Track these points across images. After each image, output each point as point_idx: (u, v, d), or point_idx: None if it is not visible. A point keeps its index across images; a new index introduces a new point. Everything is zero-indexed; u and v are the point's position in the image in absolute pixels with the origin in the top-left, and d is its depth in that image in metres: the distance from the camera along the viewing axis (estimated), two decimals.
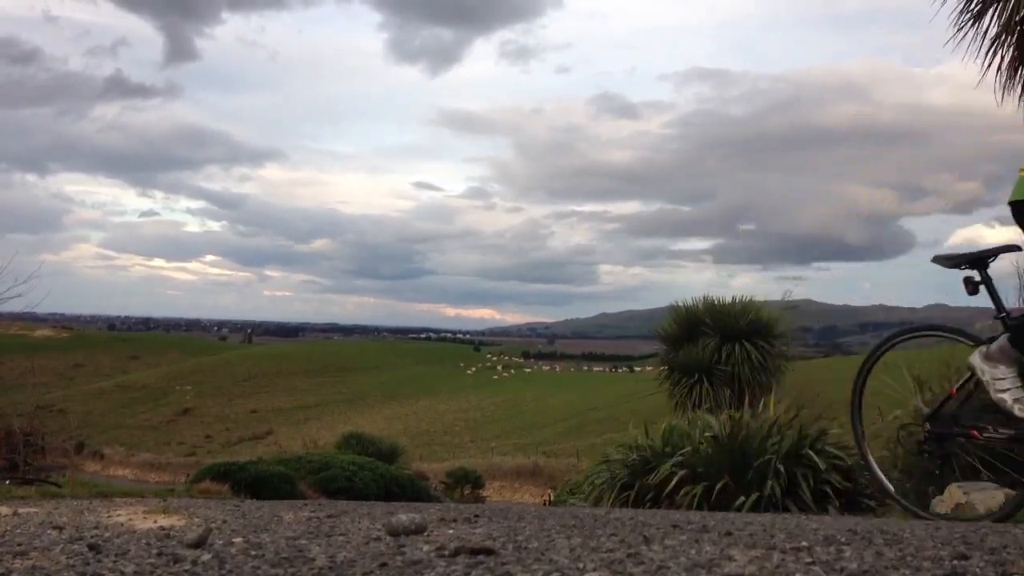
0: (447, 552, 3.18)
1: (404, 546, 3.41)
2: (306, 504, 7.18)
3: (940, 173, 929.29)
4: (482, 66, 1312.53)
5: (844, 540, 3.40)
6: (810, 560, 2.89)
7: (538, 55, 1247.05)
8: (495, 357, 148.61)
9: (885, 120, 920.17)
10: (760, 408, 8.31)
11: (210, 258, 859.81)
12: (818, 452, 6.96)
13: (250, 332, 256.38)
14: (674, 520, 4.52)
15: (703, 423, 7.77)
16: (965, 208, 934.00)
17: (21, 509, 5.38)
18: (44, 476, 13.17)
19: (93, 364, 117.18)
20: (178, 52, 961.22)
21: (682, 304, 16.71)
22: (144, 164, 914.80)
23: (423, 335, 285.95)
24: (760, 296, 17.33)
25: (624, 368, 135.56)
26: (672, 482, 6.91)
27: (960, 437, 4.31)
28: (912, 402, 5.56)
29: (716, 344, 15.54)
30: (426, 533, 3.84)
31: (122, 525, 4.48)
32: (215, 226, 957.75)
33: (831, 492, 6.65)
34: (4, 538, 3.83)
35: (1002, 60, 7.34)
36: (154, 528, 4.33)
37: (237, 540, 3.70)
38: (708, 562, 2.91)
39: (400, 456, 23.24)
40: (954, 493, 5.67)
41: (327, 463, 12.92)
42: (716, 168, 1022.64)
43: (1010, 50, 7.28)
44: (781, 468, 6.70)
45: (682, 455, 7.21)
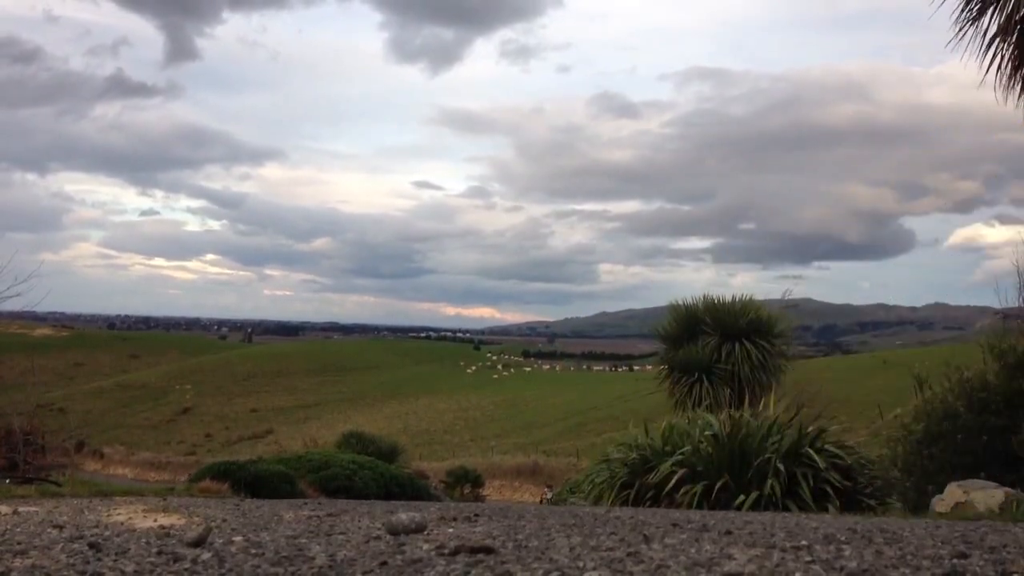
0: (447, 551, 3.18)
1: (404, 545, 3.42)
2: (306, 503, 7.18)
3: (940, 172, 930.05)
4: (482, 65, 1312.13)
5: (844, 539, 3.40)
6: (810, 559, 2.89)
7: (538, 55, 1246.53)
8: (495, 356, 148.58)
9: (885, 119, 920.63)
10: (760, 407, 8.32)
11: (210, 257, 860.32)
12: (818, 451, 6.96)
13: (250, 331, 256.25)
14: (674, 519, 4.52)
15: (703, 422, 7.76)
16: (965, 207, 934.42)
17: (21, 508, 5.38)
18: (44, 475, 13.18)
19: (93, 363, 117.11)
20: (179, 52, 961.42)
21: (682, 303, 16.65)
22: (144, 163, 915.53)
23: (423, 334, 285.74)
24: (760, 295, 17.29)
25: (624, 367, 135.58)
26: (672, 481, 6.91)
27: None
28: (912, 401, 5.58)
29: (716, 343, 15.50)
30: (426, 532, 3.85)
31: (122, 524, 4.48)
32: (215, 225, 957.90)
33: (831, 491, 6.65)
34: (4, 537, 3.83)
35: (1002, 59, 7.33)
36: (154, 527, 4.33)
37: (237, 539, 3.71)
38: (708, 561, 2.91)
39: (400, 455, 23.21)
40: (954, 492, 5.67)
41: (327, 462, 12.90)
42: (716, 167, 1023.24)
43: (1010, 49, 7.27)
44: (781, 467, 6.70)
45: (682, 454, 7.21)
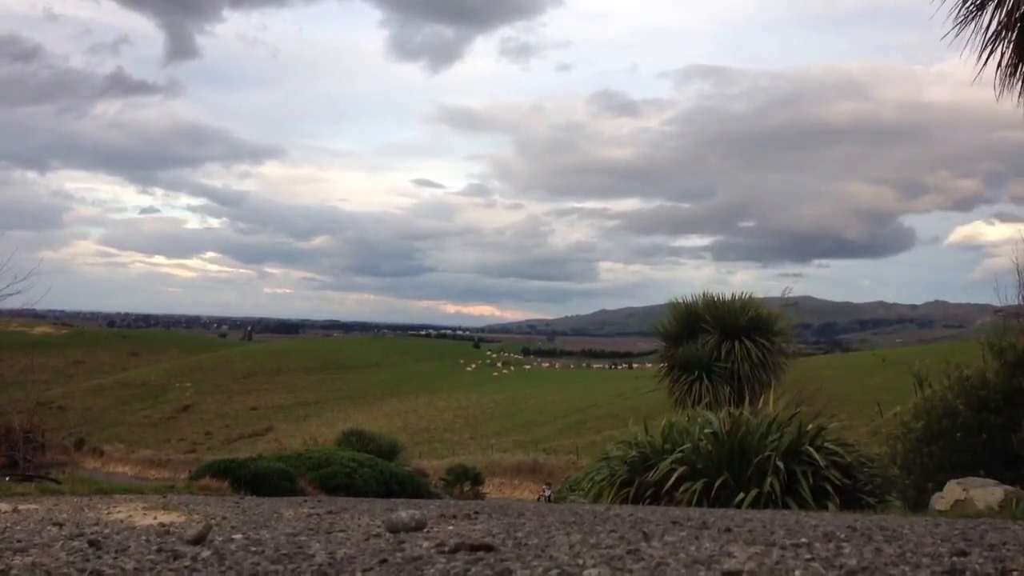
0: (447, 548, 3.18)
1: (404, 542, 3.42)
2: (306, 501, 7.19)
3: (940, 170, 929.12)
4: (483, 63, 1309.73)
5: (844, 536, 3.41)
6: (809, 556, 2.89)
7: (539, 53, 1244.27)
8: (495, 354, 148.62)
9: (885, 118, 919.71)
10: (760, 405, 8.32)
11: (210, 255, 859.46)
12: (818, 449, 6.96)
13: (250, 329, 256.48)
14: (674, 517, 4.52)
15: (703, 420, 7.77)
16: (965, 205, 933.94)
17: (21, 506, 5.38)
18: (44, 473, 13.18)
19: (93, 361, 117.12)
20: (179, 50, 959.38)
21: (682, 301, 16.63)
22: (144, 161, 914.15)
23: (423, 332, 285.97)
24: (760, 293, 17.28)
25: (624, 365, 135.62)
26: (672, 479, 6.91)
27: None
28: (912, 399, 5.59)
29: (716, 341, 15.48)
30: (426, 529, 3.85)
31: (122, 522, 4.48)
32: (215, 223, 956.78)
33: (831, 489, 6.65)
34: (4, 535, 3.83)
35: (1002, 57, 7.31)
36: (154, 524, 4.33)
37: (237, 536, 3.71)
38: (708, 558, 2.91)
39: (400, 453, 23.22)
40: (953, 490, 5.68)
41: (327, 460, 12.91)
42: (716, 165, 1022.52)
43: (1010, 46, 7.24)
44: (780, 465, 6.70)
45: (682, 452, 7.21)
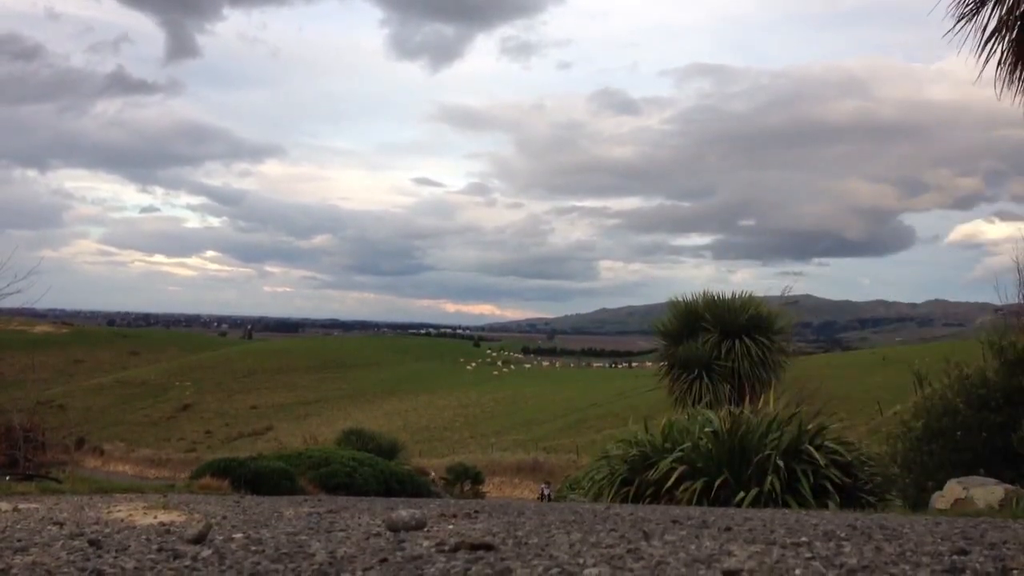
0: (447, 548, 3.18)
1: (404, 542, 3.42)
2: (306, 500, 7.19)
3: (940, 168, 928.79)
4: (483, 62, 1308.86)
5: (844, 535, 3.41)
6: (810, 555, 2.90)
7: (539, 51, 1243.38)
8: (495, 353, 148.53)
9: (885, 116, 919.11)
10: (760, 404, 8.32)
11: (210, 254, 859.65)
12: (818, 448, 6.96)
13: (250, 328, 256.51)
14: (674, 515, 4.52)
15: (703, 419, 7.77)
16: (965, 204, 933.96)
17: (21, 505, 5.39)
18: (44, 472, 13.18)
19: (93, 360, 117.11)
20: (180, 49, 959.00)
21: (682, 300, 16.63)
22: (144, 160, 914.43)
23: (423, 331, 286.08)
24: (760, 291, 17.29)
25: (624, 364, 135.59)
26: (672, 478, 6.91)
27: None
28: (912, 397, 5.58)
29: (716, 340, 15.48)
30: (426, 529, 3.85)
31: (122, 521, 4.49)
32: (215, 222, 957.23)
33: (831, 487, 6.65)
34: (4, 534, 3.83)
35: (1002, 54, 7.29)
36: (154, 524, 4.34)
37: (237, 536, 3.71)
38: (708, 557, 2.91)
39: (400, 452, 23.26)
40: (953, 488, 5.68)
41: (327, 459, 12.92)
42: (716, 164, 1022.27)
43: (1010, 44, 7.23)
44: (781, 464, 6.70)
45: (682, 451, 7.21)
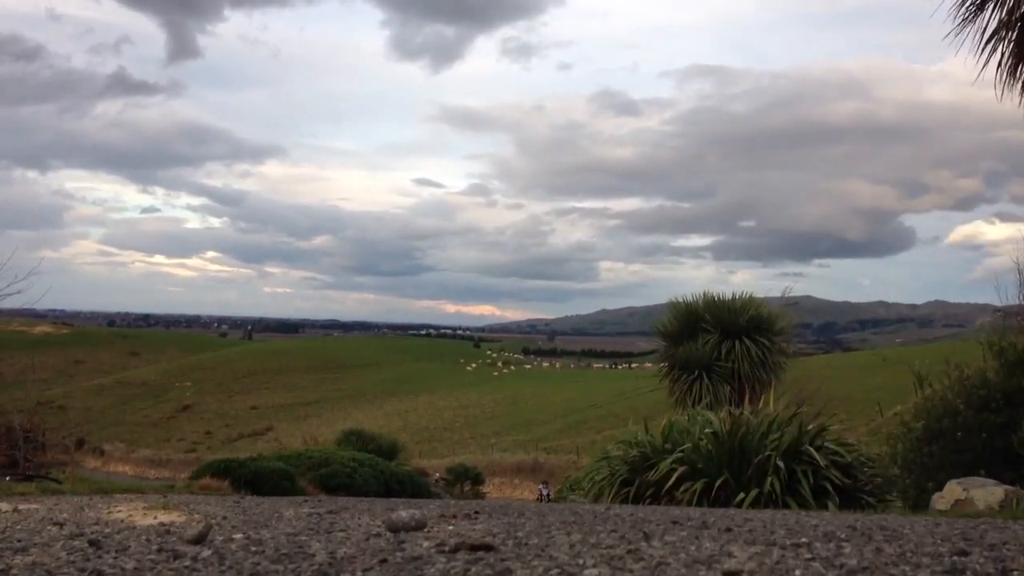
0: (447, 548, 3.18)
1: (404, 542, 3.42)
2: (306, 500, 7.20)
3: (940, 170, 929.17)
4: (484, 63, 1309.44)
5: (844, 536, 3.41)
6: (810, 556, 2.89)
7: (540, 52, 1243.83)
8: (495, 354, 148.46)
9: (886, 117, 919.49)
10: (760, 404, 8.32)
11: (211, 254, 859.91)
12: (818, 448, 6.96)
13: (250, 329, 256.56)
14: (674, 516, 4.52)
15: (703, 419, 7.77)
16: (966, 205, 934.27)
17: (21, 505, 5.39)
18: (44, 472, 13.21)
19: (93, 361, 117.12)
20: (181, 50, 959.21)
21: (682, 301, 16.63)
22: (145, 161, 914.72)
23: (423, 332, 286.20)
24: (760, 292, 17.31)
25: (624, 365, 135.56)
26: (672, 478, 6.91)
27: None
28: (912, 398, 5.58)
29: (716, 340, 15.47)
30: (426, 529, 3.85)
31: (122, 521, 4.49)
32: (216, 222, 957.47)
33: (831, 488, 6.65)
34: (4, 534, 3.83)
35: (1002, 56, 7.29)
36: (154, 524, 4.34)
37: (237, 536, 3.71)
38: (708, 558, 2.91)
39: (400, 453, 23.27)
40: (953, 489, 5.67)
41: (327, 459, 12.94)
42: (717, 165, 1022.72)
43: (1010, 46, 7.23)
44: (781, 464, 6.70)
45: (682, 451, 7.21)
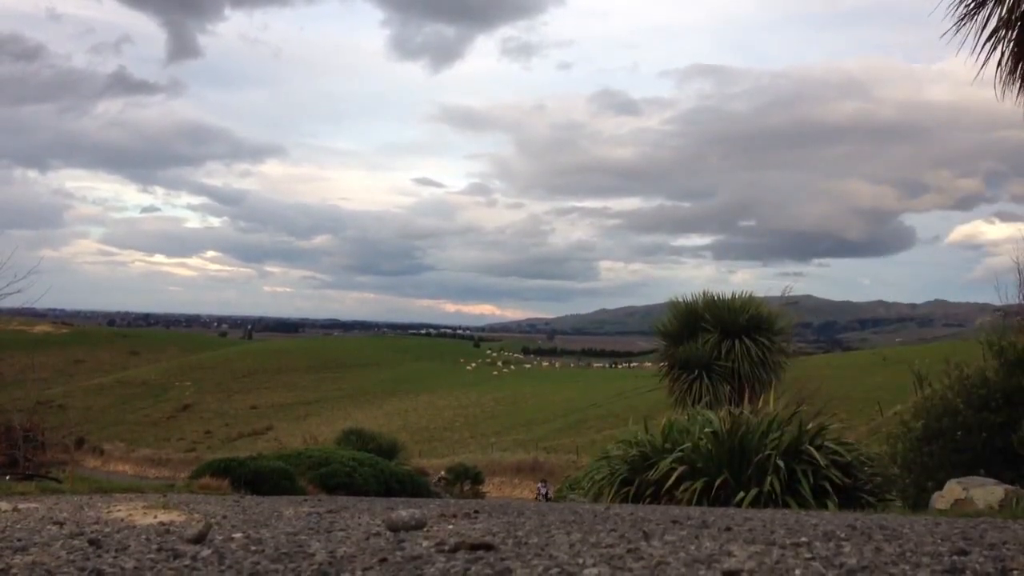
0: (447, 547, 3.18)
1: (404, 542, 3.42)
2: (306, 500, 7.19)
3: (940, 169, 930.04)
4: (484, 63, 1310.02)
5: (844, 536, 3.41)
6: (809, 556, 2.89)
7: (540, 52, 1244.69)
8: (495, 353, 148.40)
9: (886, 116, 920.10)
10: (760, 404, 8.32)
11: (211, 254, 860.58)
12: (818, 448, 6.96)
13: (250, 328, 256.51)
14: (674, 516, 4.52)
15: (703, 419, 7.77)
16: (965, 204, 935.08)
17: (21, 505, 5.38)
18: (44, 472, 13.19)
19: (93, 360, 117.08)
20: (181, 49, 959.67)
21: (682, 300, 16.63)
22: (145, 160, 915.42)
23: (423, 331, 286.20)
24: (760, 292, 17.32)
25: (624, 364, 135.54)
26: (672, 478, 6.91)
27: None
28: (912, 398, 5.58)
29: (716, 340, 15.47)
30: (426, 529, 3.85)
31: (122, 520, 4.49)
32: (216, 222, 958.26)
33: (830, 488, 6.65)
34: (4, 534, 3.83)
35: (1002, 55, 7.29)
36: (154, 523, 4.34)
37: (237, 535, 3.71)
38: (708, 557, 2.91)
39: (400, 452, 23.28)
40: (953, 489, 5.67)
41: (327, 459, 12.94)
42: (717, 165, 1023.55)
43: (1010, 45, 7.22)
44: (781, 464, 6.70)
45: (682, 451, 7.21)
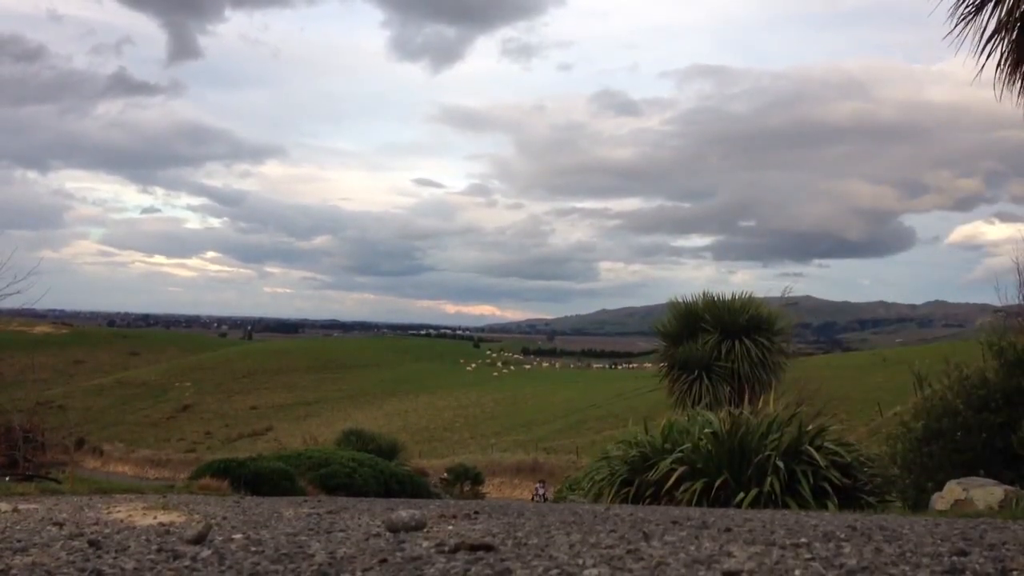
0: (447, 548, 3.18)
1: (404, 542, 3.42)
2: (306, 500, 7.19)
3: (940, 170, 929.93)
4: (484, 63, 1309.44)
5: (843, 536, 3.40)
6: (809, 556, 2.89)
7: (540, 52, 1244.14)
8: (495, 354, 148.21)
9: (886, 117, 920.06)
10: (760, 404, 8.32)
11: (210, 254, 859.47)
12: (817, 448, 6.96)
13: (250, 329, 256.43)
14: (674, 516, 4.52)
15: (703, 419, 7.77)
16: (965, 205, 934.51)
17: (21, 505, 5.38)
18: (44, 472, 13.20)
19: (93, 361, 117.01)
20: (181, 50, 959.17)
21: (682, 301, 16.63)
22: (145, 161, 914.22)
23: (423, 332, 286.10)
24: (760, 292, 17.31)
25: (624, 365, 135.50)
26: (672, 478, 6.91)
27: None
28: (912, 398, 5.57)
29: (716, 340, 15.47)
30: (426, 529, 3.85)
31: (122, 521, 4.49)
32: (216, 223, 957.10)
33: (830, 488, 6.65)
34: (4, 535, 3.83)
35: (1002, 56, 7.29)
36: (154, 524, 4.34)
37: (237, 536, 3.71)
38: (707, 558, 2.91)
39: (400, 453, 23.26)
40: (953, 489, 5.67)
41: (327, 460, 12.93)
42: (717, 165, 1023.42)
43: (1009, 45, 7.23)
44: (780, 464, 6.70)
45: (682, 451, 7.21)
